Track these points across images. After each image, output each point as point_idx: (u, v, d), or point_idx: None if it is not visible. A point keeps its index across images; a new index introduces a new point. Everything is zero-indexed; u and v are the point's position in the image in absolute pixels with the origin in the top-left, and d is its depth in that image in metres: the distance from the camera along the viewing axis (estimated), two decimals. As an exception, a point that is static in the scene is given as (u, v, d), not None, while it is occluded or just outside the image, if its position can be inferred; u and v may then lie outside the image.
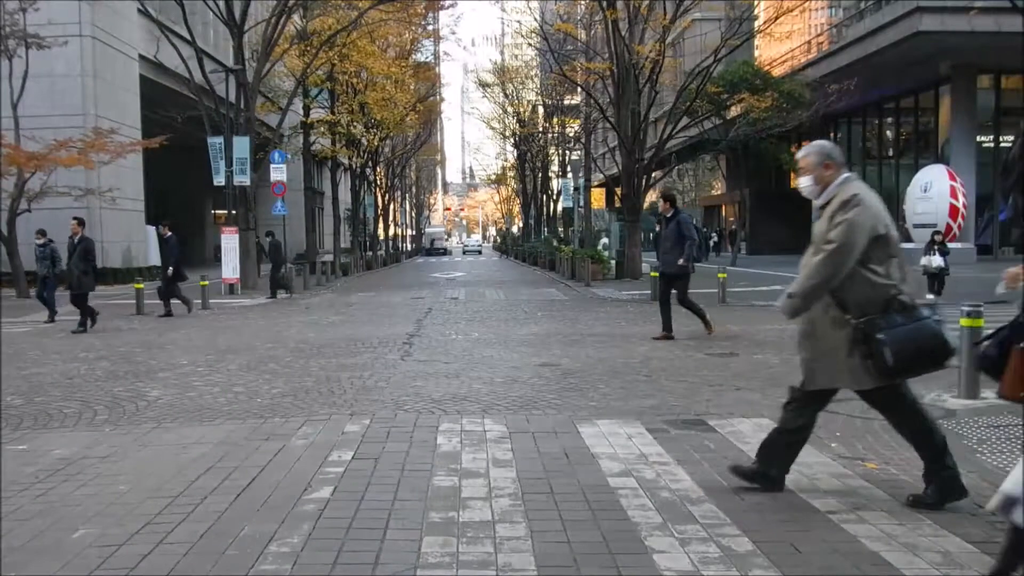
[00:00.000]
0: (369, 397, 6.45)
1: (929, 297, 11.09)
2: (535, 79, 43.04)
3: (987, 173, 29.04)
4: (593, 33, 29.30)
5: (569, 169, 34.41)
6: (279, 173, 20.59)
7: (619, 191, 30.91)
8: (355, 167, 36.13)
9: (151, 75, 26.64)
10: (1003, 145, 30.11)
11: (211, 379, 7.49)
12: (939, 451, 3.80)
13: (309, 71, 24.54)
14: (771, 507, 3.76)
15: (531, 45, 34.12)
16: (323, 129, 31.19)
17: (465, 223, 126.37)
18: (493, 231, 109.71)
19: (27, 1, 19.18)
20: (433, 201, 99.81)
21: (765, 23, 22.42)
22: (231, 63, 21.93)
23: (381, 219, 48.09)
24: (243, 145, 20.11)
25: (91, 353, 9.51)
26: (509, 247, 54.40)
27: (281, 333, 11.28)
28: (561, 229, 42.52)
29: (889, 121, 35.12)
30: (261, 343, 10.17)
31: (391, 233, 55.12)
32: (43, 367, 8.50)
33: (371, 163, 38.69)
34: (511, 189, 67.11)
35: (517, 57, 49.64)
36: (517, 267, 36.21)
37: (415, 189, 71.32)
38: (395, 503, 3.82)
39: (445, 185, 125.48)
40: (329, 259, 29.61)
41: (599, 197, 55.14)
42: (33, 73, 19.95)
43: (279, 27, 21.30)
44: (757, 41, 32.15)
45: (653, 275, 15.92)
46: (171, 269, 14.12)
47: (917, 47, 25.11)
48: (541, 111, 44.42)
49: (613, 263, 23.38)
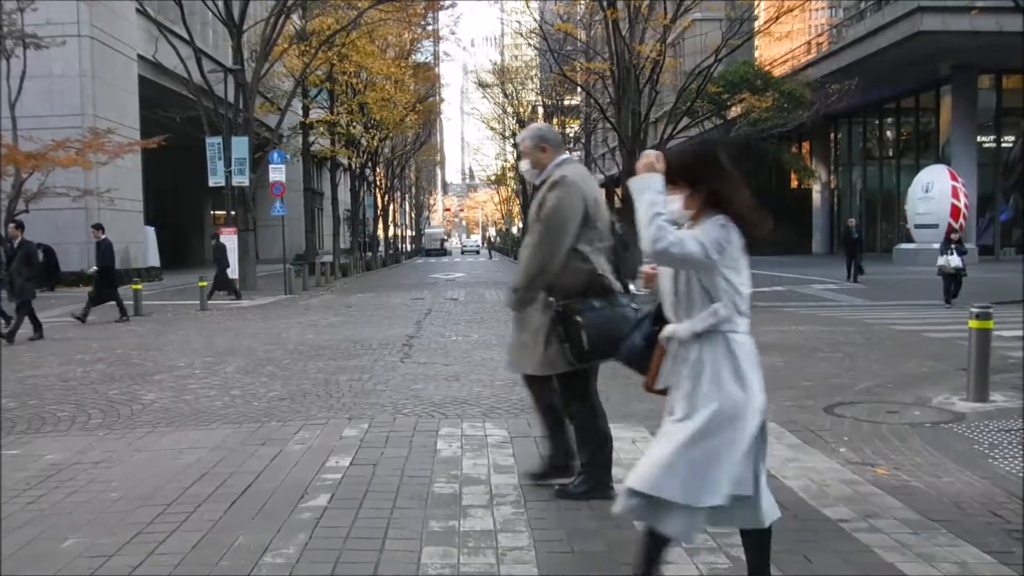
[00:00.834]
0: (368, 400, 6.35)
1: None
2: (535, 79, 42.94)
3: (988, 173, 29.01)
4: (593, 33, 29.21)
5: (569, 169, 34.26)
6: (278, 173, 20.47)
7: (619, 192, 30.85)
8: (354, 167, 36.05)
9: (150, 75, 26.54)
10: (1004, 145, 30.08)
11: (208, 382, 7.40)
12: (603, 464, 3.85)
13: (308, 71, 24.45)
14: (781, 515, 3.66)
15: (531, 45, 34.02)
16: (322, 129, 31.11)
17: (465, 224, 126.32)
18: (493, 231, 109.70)
19: (25, 1, 19.07)
20: (433, 202, 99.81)
21: (766, 23, 22.32)
22: (230, 63, 21.82)
23: (380, 220, 48.02)
24: (242, 145, 20.02)
25: (87, 355, 9.41)
26: (509, 248, 54.30)
27: (280, 335, 11.17)
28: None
29: (889, 121, 35.07)
30: (260, 345, 10.07)
31: (391, 234, 55.05)
32: (38, 369, 8.40)
33: (371, 163, 38.62)
34: (511, 190, 67.03)
35: (517, 58, 49.58)
36: (516, 267, 36.08)
37: (415, 190, 71.27)
38: (394, 511, 3.72)
39: (445, 186, 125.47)
40: (328, 260, 29.53)
41: (599, 198, 54.93)
42: (31, 73, 19.85)
43: (278, 27, 21.20)
44: (757, 41, 32.08)
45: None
46: (96, 270, 13.90)
47: (918, 47, 25.04)
48: (541, 111, 44.33)
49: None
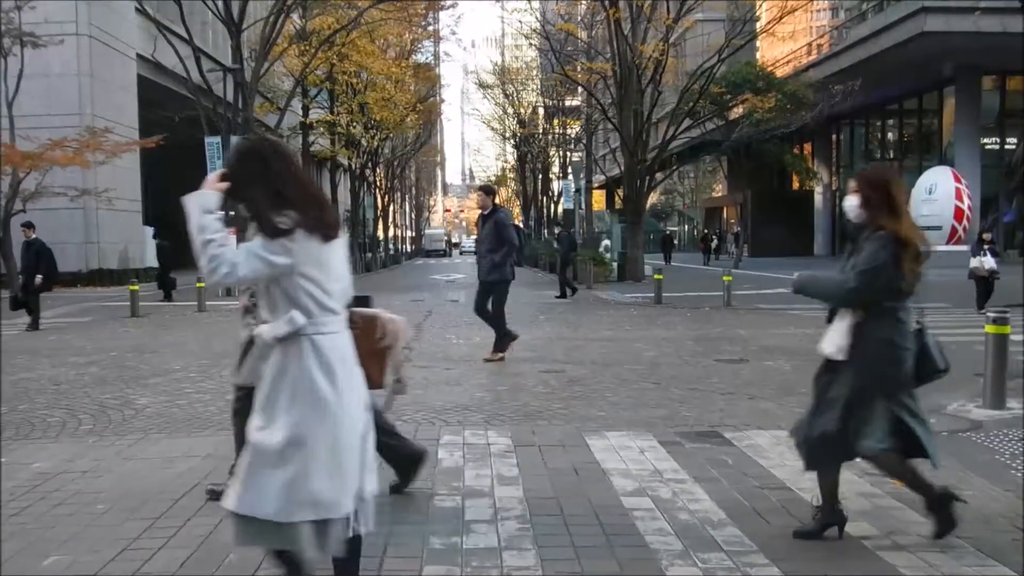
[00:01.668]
0: (367, 406, 6.17)
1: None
2: (536, 79, 42.79)
3: (991, 175, 28.83)
4: (595, 33, 29.06)
5: (570, 170, 34.16)
6: (277, 173, 20.31)
7: (619, 192, 30.69)
8: (354, 168, 35.88)
9: (149, 75, 26.37)
10: (1008, 147, 29.90)
11: (203, 386, 7.22)
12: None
13: (308, 71, 24.28)
14: (799, 532, 3.48)
15: (532, 45, 33.87)
16: (322, 129, 30.95)
17: (465, 224, 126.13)
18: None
19: (23, -1, 18.93)
20: (433, 203, 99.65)
21: (769, 23, 22.17)
22: (230, 63, 21.65)
23: (380, 220, 47.84)
24: (241, 145, 19.82)
25: (81, 358, 9.24)
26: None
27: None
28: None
29: (892, 123, 34.91)
30: (256, 347, 9.88)
31: (391, 234, 54.89)
32: (31, 372, 8.22)
33: (371, 164, 38.44)
34: (511, 191, 66.84)
35: (518, 58, 49.44)
36: (517, 269, 35.89)
37: (415, 190, 71.11)
38: (393, 526, 3.54)
39: (445, 186, 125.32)
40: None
41: (599, 199, 54.89)
42: (29, 72, 19.70)
43: (277, 26, 21.03)
44: (758, 42, 31.95)
45: (657, 278, 15.68)
46: (39, 277, 12.29)
47: (922, 48, 24.88)
48: (542, 112, 44.18)
49: (615, 265, 23.11)
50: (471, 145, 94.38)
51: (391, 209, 51.69)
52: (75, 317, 14.48)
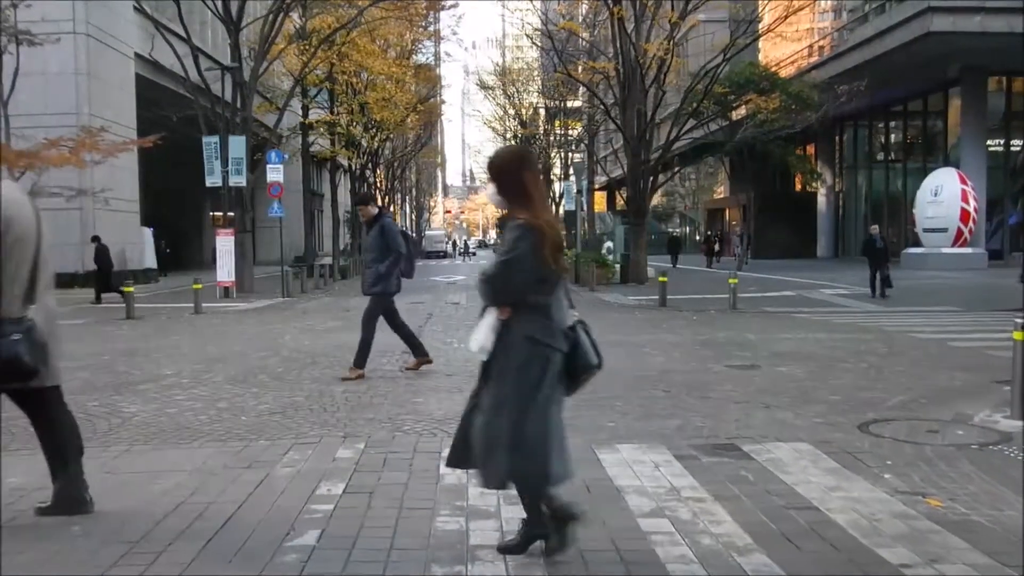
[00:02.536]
0: (364, 415, 5.90)
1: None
2: (537, 79, 42.55)
3: (997, 177, 28.56)
4: (597, 33, 28.82)
5: (572, 171, 33.90)
6: (276, 174, 20.04)
7: (621, 194, 30.45)
8: (355, 169, 35.61)
9: (147, 74, 26.09)
10: (1013, 149, 29.63)
11: (195, 392, 6.95)
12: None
13: (307, 70, 24.01)
14: (834, 559, 3.21)
15: (534, 44, 33.63)
16: (322, 130, 30.68)
17: (465, 226, 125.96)
18: (493, 234, 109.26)
19: (19, -3, 18.63)
20: (433, 204, 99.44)
21: (775, 21, 21.90)
22: (229, 62, 21.39)
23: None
24: (239, 145, 19.58)
25: (71, 362, 8.92)
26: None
27: (275, 340, 10.73)
28: (563, 232, 41.96)
29: (896, 124, 34.62)
30: (253, 351, 9.62)
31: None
32: (18, 377, 7.93)
33: (371, 165, 38.16)
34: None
35: (519, 59, 49.21)
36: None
37: (415, 191, 70.88)
38: (391, 552, 3.27)
39: (445, 188, 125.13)
40: (328, 262, 29.07)
41: (600, 200, 54.62)
42: (26, 71, 19.40)
43: (276, 25, 20.78)
44: (761, 43, 31.69)
45: (661, 280, 15.40)
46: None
47: (927, 48, 24.61)
48: (543, 113, 43.93)
49: (618, 267, 22.84)
50: (472, 146, 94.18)
51: (391, 210, 51.39)
52: (70, 319, 14.20)
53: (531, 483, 3.10)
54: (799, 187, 41.23)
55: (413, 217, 73.69)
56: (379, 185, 44.85)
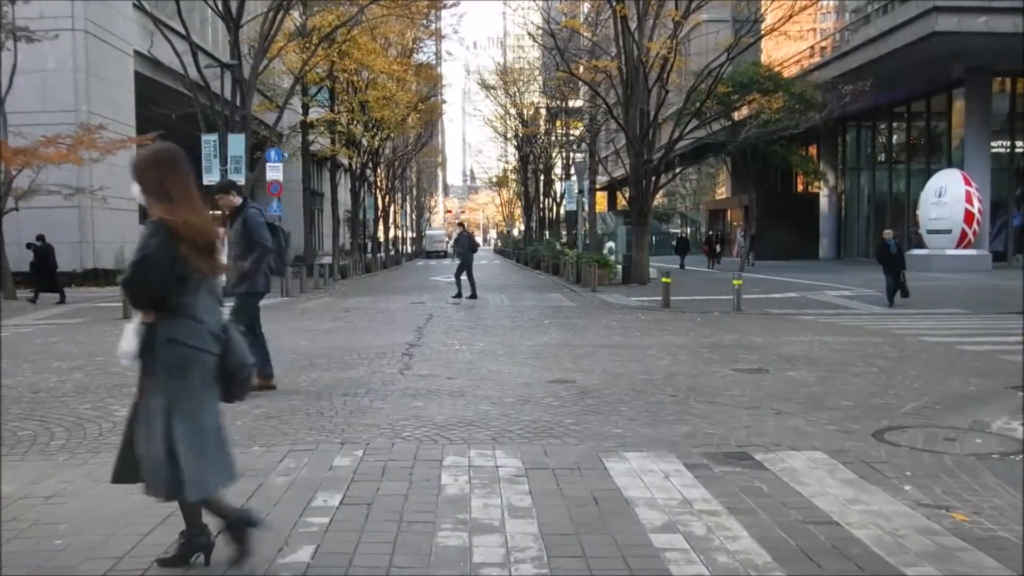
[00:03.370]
0: (363, 421, 5.71)
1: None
2: (538, 79, 42.39)
3: (1001, 179, 28.36)
4: (599, 31, 28.64)
5: (573, 171, 33.71)
6: (275, 172, 19.87)
7: (622, 193, 30.24)
8: (355, 168, 35.43)
9: (147, 71, 25.92)
10: (1018, 150, 29.44)
11: (189, 396, 6.75)
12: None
13: (308, 68, 23.83)
14: (859, 580, 3.04)
15: (536, 42, 33.45)
16: (322, 128, 30.50)
17: (466, 225, 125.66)
18: (494, 234, 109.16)
19: (17, -6, 18.46)
20: (434, 203, 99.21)
21: (779, 20, 21.69)
22: (228, 60, 21.21)
23: (381, 221, 47.39)
24: (238, 143, 19.41)
25: (66, 363, 8.79)
26: (511, 250, 53.65)
27: (272, 341, 10.43)
28: (564, 232, 41.84)
29: (898, 125, 34.42)
30: (250, 353, 9.42)
31: (391, 235, 54.44)
32: (10, 379, 7.76)
33: (371, 164, 37.99)
34: (512, 192, 66.45)
35: (521, 58, 49.04)
36: (519, 270, 35.46)
37: (415, 191, 70.68)
38: (390, 570, 3.09)
39: (446, 187, 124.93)
40: (328, 261, 28.90)
41: (601, 200, 54.43)
42: (24, 68, 19.23)
43: (276, 22, 20.61)
44: (763, 43, 31.49)
45: (665, 281, 15.20)
46: None
47: (932, 48, 24.42)
48: (544, 112, 43.77)
49: (619, 268, 22.65)
50: (472, 146, 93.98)
51: (392, 210, 51.21)
52: (66, 319, 14.05)
53: (188, 491, 2.93)
54: (801, 188, 41.04)
55: (413, 217, 73.46)
56: (380, 184, 44.68)
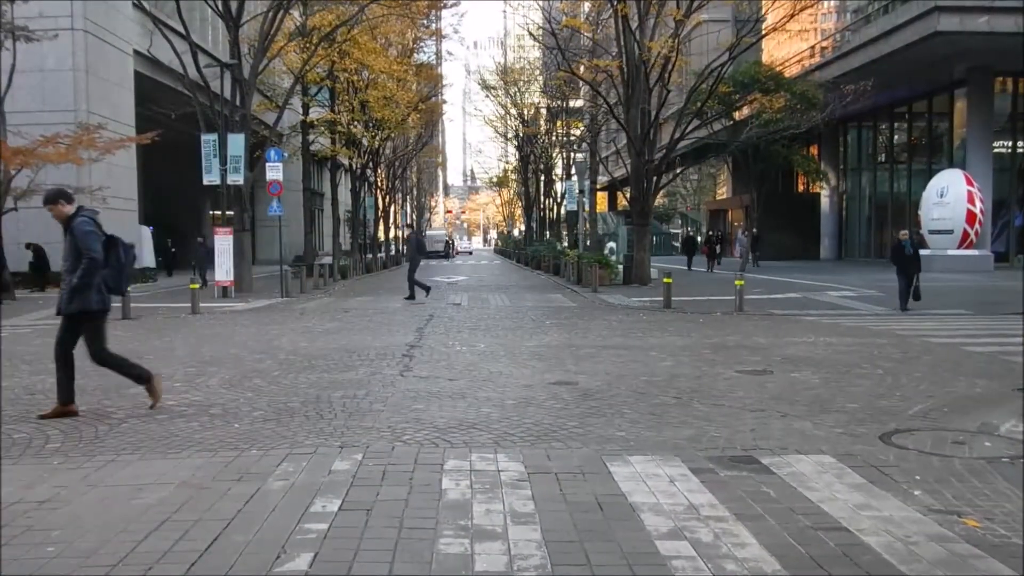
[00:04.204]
0: (363, 423, 5.63)
1: None
2: (539, 79, 42.30)
3: (1003, 179, 28.28)
4: (600, 31, 28.55)
5: (574, 171, 33.62)
6: (275, 172, 19.76)
7: (623, 193, 30.16)
8: (355, 168, 35.36)
9: (146, 71, 25.84)
10: (1020, 150, 29.35)
11: (187, 397, 6.69)
12: None
13: (308, 67, 23.75)
14: (871, 589, 2.96)
15: (537, 41, 33.36)
16: (323, 128, 30.42)
17: (466, 226, 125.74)
18: (494, 234, 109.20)
19: (16, -8, 18.38)
20: (434, 203, 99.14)
21: (780, 20, 21.60)
22: (228, 59, 21.13)
23: (381, 221, 47.30)
24: (238, 142, 19.32)
25: (62, 364, 8.69)
26: (512, 251, 53.54)
27: (272, 342, 10.47)
28: (565, 233, 41.76)
29: (898, 125, 34.34)
30: (249, 353, 9.36)
31: (391, 235, 54.34)
32: (7, 380, 7.69)
33: (371, 164, 37.90)
34: (513, 192, 66.38)
35: (521, 59, 48.95)
36: (519, 271, 35.38)
37: (416, 191, 70.59)
38: (390, 579, 3.02)
39: (446, 187, 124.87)
40: (328, 261, 28.82)
41: (601, 200, 54.35)
42: (23, 68, 19.15)
43: (276, 22, 20.53)
44: (764, 43, 31.42)
45: (667, 281, 15.11)
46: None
47: (934, 48, 24.36)
48: (545, 112, 43.68)
49: (620, 268, 22.57)
50: (472, 146, 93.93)
51: (392, 210, 51.12)
52: (63, 319, 13.95)
53: None
54: (802, 188, 40.96)
55: (414, 217, 73.39)
56: (380, 184, 44.61)
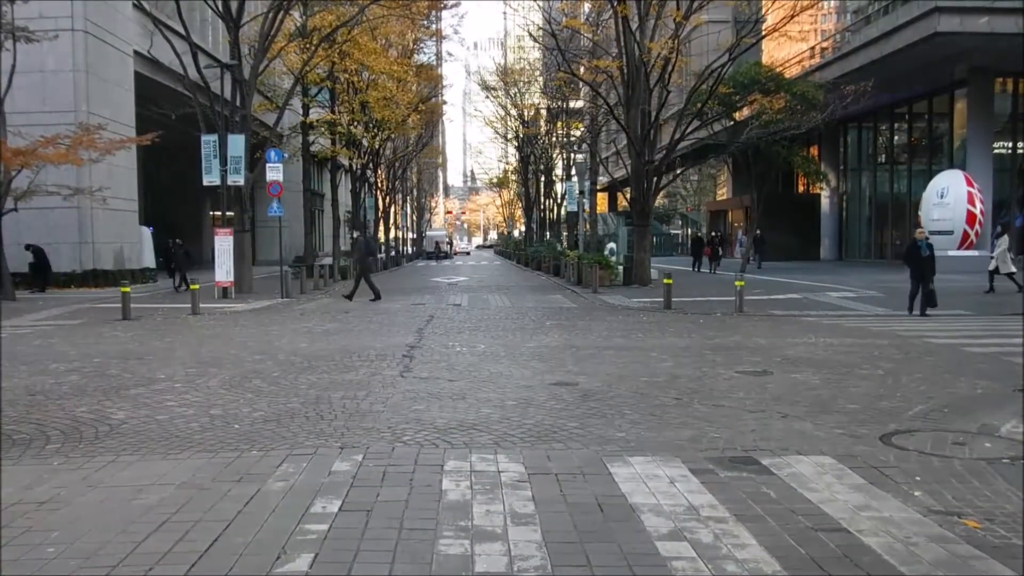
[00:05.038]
0: (363, 424, 5.63)
1: None
2: (539, 80, 42.31)
3: (1003, 179, 28.27)
4: (600, 32, 28.55)
5: (574, 172, 33.62)
6: (275, 173, 19.76)
7: (623, 194, 30.18)
8: (355, 168, 35.37)
9: (146, 72, 25.85)
10: (1020, 151, 29.34)
11: (187, 398, 6.69)
12: None
13: (308, 68, 23.75)
14: (872, 590, 2.96)
15: (537, 42, 33.35)
16: (323, 129, 30.41)
17: (466, 226, 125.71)
18: (495, 235, 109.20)
19: (16, -7, 18.38)
20: (434, 204, 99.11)
21: (781, 20, 21.60)
22: (228, 60, 21.12)
23: (381, 222, 47.31)
24: (238, 143, 19.31)
25: (63, 364, 8.71)
26: (512, 251, 53.53)
27: (272, 343, 10.47)
28: (565, 233, 41.75)
29: (898, 126, 34.32)
30: (248, 354, 9.36)
31: (391, 236, 54.33)
32: (8, 380, 7.68)
33: (372, 165, 37.91)
34: (513, 192, 66.38)
35: (521, 60, 48.95)
36: (520, 271, 35.39)
37: (416, 192, 70.60)
38: (391, 580, 3.02)
39: (446, 188, 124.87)
40: (328, 262, 28.81)
41: (602, 201, 54.34)
42: (23, 68, 19.14)
43: (276, 22, 20.52)
44: (764, 44, 31.40)
45: (667, 282, 15.11)
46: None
47: (935, 49, 24.35)
48: (545, 113, 43.68)
49: (621, 269, 22.56)
50: (473, 146, 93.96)
51: (392, 210, 51.12)
52: (64, 320, 13.97)
53: None
54: (802, 189, 40.95)
55: (414, 217, 73.39)
56: (380, 185, 44.62)
